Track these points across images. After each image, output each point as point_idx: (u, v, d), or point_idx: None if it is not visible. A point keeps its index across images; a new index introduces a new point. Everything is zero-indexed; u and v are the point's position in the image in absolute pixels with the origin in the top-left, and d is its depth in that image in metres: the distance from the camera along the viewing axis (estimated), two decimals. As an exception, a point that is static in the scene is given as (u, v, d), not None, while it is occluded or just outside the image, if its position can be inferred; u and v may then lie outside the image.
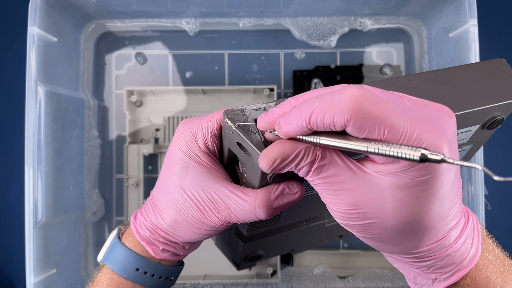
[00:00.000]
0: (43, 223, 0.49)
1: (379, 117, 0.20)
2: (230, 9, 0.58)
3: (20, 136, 0.58)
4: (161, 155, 0.60)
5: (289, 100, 0.25)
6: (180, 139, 0.30)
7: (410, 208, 0.22)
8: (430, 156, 0.19)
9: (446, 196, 0.23)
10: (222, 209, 0.29)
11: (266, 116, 0.25)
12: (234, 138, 0.27)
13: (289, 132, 0.23)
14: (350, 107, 0.20)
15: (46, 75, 0.51)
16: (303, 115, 0.22)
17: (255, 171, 0.27)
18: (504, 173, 0.61)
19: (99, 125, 0.60)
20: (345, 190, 0.23)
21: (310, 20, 0.60)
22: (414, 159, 0.19)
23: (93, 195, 0.60)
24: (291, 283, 0.58)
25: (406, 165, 0.21)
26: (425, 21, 0.60)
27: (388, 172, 0.22)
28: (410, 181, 0.22)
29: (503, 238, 0.60)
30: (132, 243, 0.33)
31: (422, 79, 0.28)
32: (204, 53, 0.61)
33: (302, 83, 0.60)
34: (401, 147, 0.20)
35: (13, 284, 0.60)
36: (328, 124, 0.21)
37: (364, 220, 0.23)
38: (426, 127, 0.21)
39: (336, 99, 0.21)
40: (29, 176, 0.48)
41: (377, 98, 0.21)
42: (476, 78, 0.28)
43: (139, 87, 0.59)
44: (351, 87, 0.21)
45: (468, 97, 0.27)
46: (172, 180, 0.30)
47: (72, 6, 0.54)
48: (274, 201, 0.28)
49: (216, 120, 0.30)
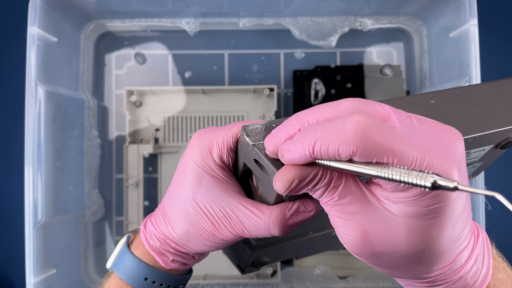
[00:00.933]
0: (43, 223, 0.49)
1: (386, 147, 0.19)
2: (230, 9, 0.58)
3: (20, 136, 0.58)
4: (161, 155, 0.60)
5: (292, 121, 0.23)
6: (194, 151, 0.30)
7: (423, 236, 0.22)
8: (443, 184, 0.18)
9: (458, 220, 0.22)
10: (236, 224, 0.29)
11: (271, 140, 0.24)
12: (251, 154, 0.27)
13: (293, 161, 0.22)
14: (356, 138, 0.19)
15: (46, 75, 0.51)
16: (305, 145, 0.21)
17: (271, 188, 0.27)
18: (504, 173, 0.61)
19: (99, 125, 0.60)
20: (356, 215, 0.22)
21: (310, 20, 0.60)
22: (426, 185, 0.19)
23: (93, 195, 0.60)
24: (291, 283, 0.58)
25: (417, 193, 0.21)
26: (425, 21, 0.60)
27: (399, 200, 0.22)
28: (423, 209, 0.21)
29: (503, 238, 0.60)
30: (142, 253, 0.33)
31: (440, 97, 0.28)
32: (204, 53, 0.61)
33: (302, 83, 0.60)
34: (412, 172, 0.19)
35: (13, 284, 0.60)
36: (333, 155, 0.20)
37: (375, 248, 0.23)
38: (435, 152, 0.20)
39: (340, 128, 0.20)
40: (29, 176, 0.48)
41: (383, 126, 0.20)
42: (492, 98, 0.28)
43: (139, 87, 0.59)
44: (354, 116, 0.20)
45: (485, 118, 0.27)
46: (184, 191, 0.30)
47: (72, 6, 0.54)
48: (289, 219, 0.28)
49: (233, 134, 0.29)
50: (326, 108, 0.22)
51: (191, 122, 0.60)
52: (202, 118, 0.60)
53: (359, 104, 0.21)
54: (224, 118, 0.60)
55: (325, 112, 0.22)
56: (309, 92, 0.60)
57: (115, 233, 0.60)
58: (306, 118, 0.22)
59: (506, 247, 0.62)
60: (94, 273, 0.59)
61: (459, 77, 0.51)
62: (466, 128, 0.26)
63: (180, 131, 0.60)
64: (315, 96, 0.60)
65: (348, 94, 0.60)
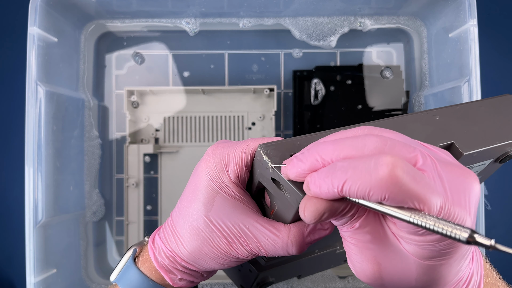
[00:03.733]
0: (43, 223, 0.49)
1: (416, 195, 0.19)
2: (230, 9, 0.58)
3: (20, 136, 0.58)
4: (161, 155, 0.60)
5: (314, 155, 0.23)
6: (209, 165, 0.29)
7: (433, 275, 0.22)
8: (480, 241, 0.18)
9: (464, 256, 0.23)
10: (252, 243, 0.29)
11: (293, 168, 0.23)
12: (269, 174, 0.26)
13: (319, 195, 0.22)
14: (389, 183, 0.19)
15: (46, 75, 0.51)
16: (335, 183, 0.21)
17: (290, 208, 0.27)
18: (504, 173, 0.61)
19: (99, 125, 0.61)
20: (372, 246, 0.23)
21: (310, 20, 0.60)
22: (460, 239, 0.19)
23: (93, 195, 0.60)
24: (291, 283, 0.58)
25: (433, 240, 0.21)
26: (425, 21, 0.60)
27: (413, 242, 0.22)
28: (436, 252, 0.22)
29: (503, 238, 0.60)
30: (149, 269, 0.32)
31: (443, 114, 0.29)
32: (204, 53, 0.61)
33: (302, 83, 0.60)
34: (447, 224, 0.19)
35: (13, 284, 0.60)
36: (362, 196, 0.20)
37: (384, 281, 0.23)
38: (457, 200, 0.20)
39: (373, 171, 0.19)
40: (29, 176, 0.48)
41: (414, 172, 0.20)
42: (491, 114, 0.29)
43: (139, 87, 0.59)
44: (386, 157, 0.19)
45: (487, 134, 0.28)
46: (196, 207, 0.29)
47: (72, 6, 0.54)
48: (307, 237, 0.28)
49: (250, 151, 0.28)
50: (350, 146, 0.22)
51: (191, 122, 0.60)
52: (202, 118, 0.60)
53: (385, 147, 0.21)
54: (224, 118, 0.60)
55: (349, 151, 0.22)
56: (309, 92, 0.60)
57: (116, 233, 0.60)
58: (329, 155, 0.22)
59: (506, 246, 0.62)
60: (94, 273, 0.59)
61: (459, 77, 0.51)
62: (470, 143, 0.28)
63: (180, 131, 0.60)
64: (315, 96, 0.60)
65: (348, 94, 0.60)
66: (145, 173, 0.60)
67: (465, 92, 0.49)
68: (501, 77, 0.61)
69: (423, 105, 0.60)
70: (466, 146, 0.28)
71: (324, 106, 0.60)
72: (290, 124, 0.61)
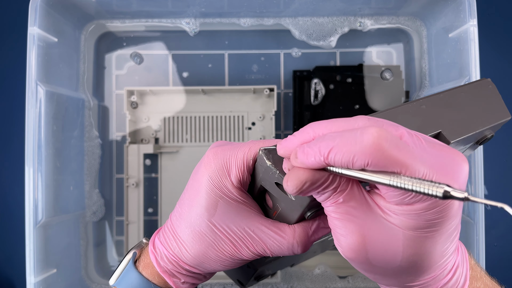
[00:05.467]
0: (43, 223, 0.49)
1: (400, 160, 0.20)
2: (230, 9, 0.58)
3: (20, 136, 0.58)
4: (161, 155, 0.60)
5: (307, 129, 0.24)
6: (209, 169, 0.29)
7: (418, 248, 0.23)
8: (454, 194, 0.19)
9: (450, 236, 0.23)
10: (257, 245, 0.29)
11: (285, 143, 0.24)
12: (272, 178, 0.27)
13: (305, 164, 0.23)
14: (372, 149, 0.20)
15: (46, 75, 0.51)
16: (322, 150, 0.21)
17: (295, 210, 0.27)
18: (503, 173, 0.61)
19: (99, 125, 0.61)
20: (357, 219, 0.23)
21: (310, 20, 0.60)
22: (437, 195, 0.19)
23: (93, 195, 0.60)
24: (291, 283, 0.58)
25: (421, 208, 0.21)
26: (425, 21, 0.60)
27: (401, 213, 0.22)
28: (423, 223, 0.22)
29: (503, 238, 0.60)
30: (151, 274, 0.31)
31: (429, 103, 0.30)
32: (204, 53, 0.61)
33: (302, 83, 0.60)
34: (424, 182, 0.20)
35: (13, 284, 0.60)
36: (346, 163, 0.21)
37: (369, 254, 0.23)
38: (443, 172, 0.21)
39: (358, 138, 0.20)
40: (29, 176, 0.48)
41: (398, 141, 0.20)
42: (472, 100, 0.31)
43: (139, 87, 0.59)
44: (372, 128, 0.20)
45: (470, 120, 0.30)
46: (198, 212, 0.29)
47: (72, 6, 0.54)
48: (311, 236, 0.28)
49: (252, 155, 0.28)
50: (342, 123, 0.23)
51: (191, 122, 0.60)
52: (202, 118, 0.60)
53: (375, 124, 0.22)
54: (224, 118, 0.60)
55: (340, 126, 0.22)
56: (309, 92, 0.60)
57: (116, 233, 0.60)
58: (322, 129, 0.23)
59: (506, 247, 0.62)
60: (94, 273, 0.59)
61: (459, 77, 0.51)
62: (456, 131, 0.29)
63: (180, 131, 0.60)
64: (315, 96, 0.60)
65: (348, 94, 0.60)
66: (145, 173, 0.60)
67: (465, 92, 0.49)
68: (501, 77, 0.61)
69: (423, 105, 0.60)
70: (453, 134, 0.29)
71: (324, 106, 0.60)
72: (290, 124, 0.61)
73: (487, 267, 0.46)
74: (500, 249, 0.61)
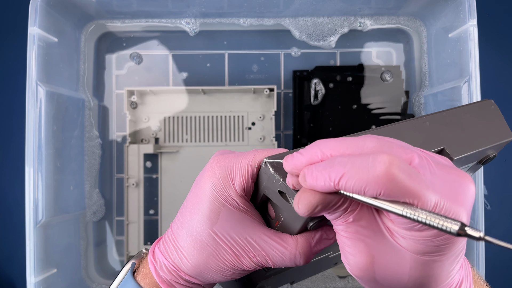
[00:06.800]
0: (44, 223, 0.49)
1: (411, 191, 0.20)
2: (230, 9, 0.58)
3: (20, 136, 0.58)
4: (161, 155, 0.60)
5: (315, 149, 0.23)
6: (213, 176, 0.28)
7: (425, 271, 0.23)
8: (469, 232, 0.19)
9: (457, 257, 0.23)
10: (259, 255, 0.29)
11: (292, 161, 0.24)
12: (275, 186, 0.27)
13: (315, 187, 0.22)
14: (385, 179, 0.20)
15: (47, 75, 0.51)
16: (332, 176, 0.21)
17: (297, 220, 0.27)
18: (503, 173, 0.61)
19: (99, 125, 0.61)
20: (366, 239, 0.23)
21: (310, 20, 0.60)
22: (451, 232, 0.19)
23: (94, 195, 0.60)
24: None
25: (431, 235, 0.21)
26: (425, 21, 0.60)
27: (409, 237, 0.22)
28: (431, 248, 0.22)
29: (503, 238, 0.60)
30: (149, 284, 0.31)
31: (432, 121, 0.31)
32: (204, 53, 0.61)
33: (302, 83, 0.60)
34: (438, 217, 0.20)
35: (13, 284, 0.60)
36: (358, 191, 0.21)
37: (376, 275, 0.23)
38: (453, 198, 0.21)
39: (370, 167, 0.20)
40: (29, 176, 0.48)
41: (409, 170, 0.20)
42: (475, 120, 0.32)
43: (139, 87, 0.59)
44: (384, 155, 0.20)
45: (473, 139, 0.31)
46: (200, 220, 0.28)
47: (72, 6, 0.55)
48: (314, 248, 0.28)
49: (256, 163, 0.28)
50: (350, 144, 0.22)
51: (191, 122, 0.60)
52: (202, 118, 0.60)
53: (384, 147, 0.22)
54: (224, 118, 0.60)
55: (349, 148, 0.22)
56: (308, 92, 0.60)
57: (116, 233, 0.60)
58: (329, 150, 0.23)
59: (505, 247, 0.62)
60: (94, 273, 0.59)
61: (459, 77, 0.51)
62: (459, 148, 0.30)
63: (180, 131, 0.60)
64: (315, 96, 0.60)
65: (347, 94, 0.60)
66: (145, 173, 0.60)
67: (465, 92, 0.49)
68: (500, 77, 0.61)
69: (422, 105, 0.60)
70: (456, 151, 0.30)
71: (324, 106, 0.60)
72: (290, 124, 0.61)
73: (487, 267, 0.46)
74: (500, 249, 0.61)
